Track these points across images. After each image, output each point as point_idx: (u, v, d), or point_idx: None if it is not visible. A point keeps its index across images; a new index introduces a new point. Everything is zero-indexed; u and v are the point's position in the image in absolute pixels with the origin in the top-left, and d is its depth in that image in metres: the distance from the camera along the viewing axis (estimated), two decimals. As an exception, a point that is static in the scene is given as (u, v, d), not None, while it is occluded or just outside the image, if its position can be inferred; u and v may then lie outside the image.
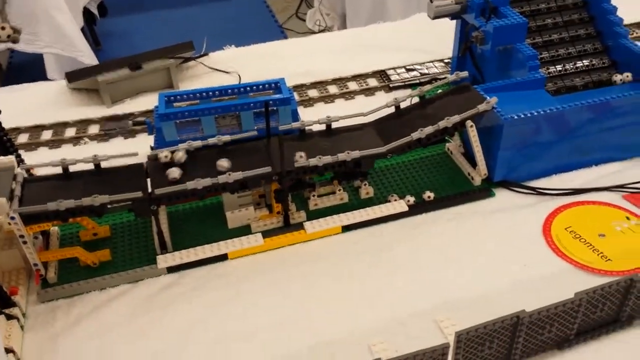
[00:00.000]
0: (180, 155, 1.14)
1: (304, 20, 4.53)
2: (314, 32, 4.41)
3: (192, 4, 4.86)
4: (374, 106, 1.33)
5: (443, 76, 1.60)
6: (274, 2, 4.85)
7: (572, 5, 1.42)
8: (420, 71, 1.66)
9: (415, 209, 1.22)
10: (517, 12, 1.35)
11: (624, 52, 1.36)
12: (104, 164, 1.14)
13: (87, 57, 3.00)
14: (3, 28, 1.07)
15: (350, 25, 3.95)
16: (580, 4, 1.42)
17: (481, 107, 1.18)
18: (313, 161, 1.13)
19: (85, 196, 1.04)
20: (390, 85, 1.62)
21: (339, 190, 1.25)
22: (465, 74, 1.29)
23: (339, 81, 1.65)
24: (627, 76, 1.35)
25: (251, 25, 4.56)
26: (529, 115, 1.18)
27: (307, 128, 1.23)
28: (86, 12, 3.95)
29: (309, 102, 1.58)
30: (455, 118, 1.17)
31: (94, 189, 1.06)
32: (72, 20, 3.08)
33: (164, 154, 1.13)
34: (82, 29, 3.67)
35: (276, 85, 1.38)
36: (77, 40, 2.99)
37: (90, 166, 1.14)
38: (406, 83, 1.62)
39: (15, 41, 1.08)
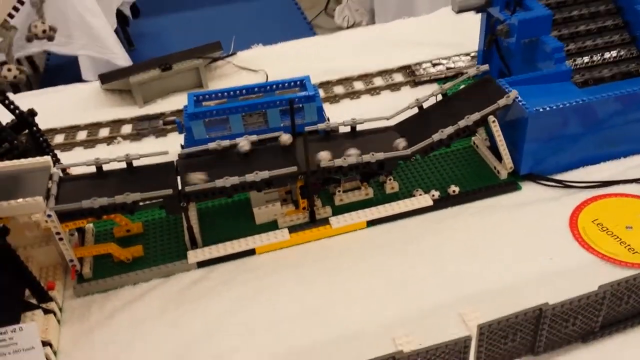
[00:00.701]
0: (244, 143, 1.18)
1: (333, 17, 4.54)
2: (342, 28, 4.42)
3: (222, 3, 4.92)
4: (400, 102, 1.34)
5: (466, 71, 1.59)
6: (302, -1, 4.87)
7: (598, -5, 1.40)
8: (446, 65, 1.66)
9: (440, 203, 1.23)
10: (543, 4, 1.35)
11: (653, 42, 1.34)
12: (135, 163, 1.19)
13: (121, 59, 3.08)
14: (42, 23, 1.11)
15: (379, 20, 3.95)
16: (607, -5, 1.40)
17: (501, 102, 1.18)
18: (338, 162, 1.15)
19: (118, 194, 1.08)
20: (416, 80, 1.62)
21: (364, 185, 1.26)
22: (486, 67, 1.29)
23: (365, 77, 1.67)
24: (656, 66, 1.33)
25: (280, 22, 4.60)
26: (554, 107, 1.18)
27: (332, 128, 1.25)
28: (119, 14, 4.03)
29: (334, 99, 1.60)
30: (475, 116, 1.18)
31: (126, 187, 1.10)
32: (106, 22, 3.15)
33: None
34: (116, 31, 3.76)
35: (301, 83, 1.40)
36: (110, 42, 3.06)
37: (122, 165, 1.18)
38: (432, 78, 1.62)
39: (50, 39, 1.12)
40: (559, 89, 1.25)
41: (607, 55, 1.36)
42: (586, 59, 1.36)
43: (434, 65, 1.67)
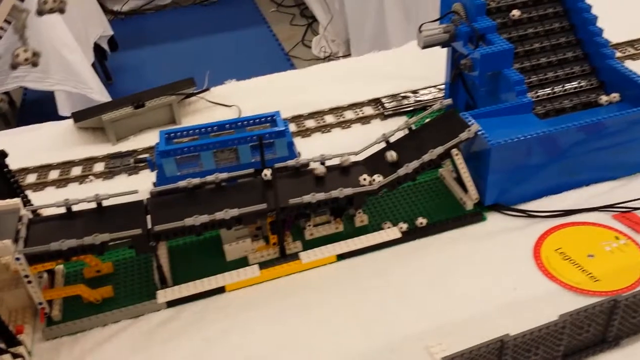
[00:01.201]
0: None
1: (310, 47, 4.61)
2: (319, 59, 4.49)
3: (200, 35, 4.96)
4: (370, 135, 1.37)
5: (433, 103, 1.62)
6: (280, 30, 4.94)
7: (559, 29, 1.45)
8: (414, 98, 1.70)
9: (409, 236, 1.24)
10: (504, 39, 1.39)
11: (611, 73, 1.39)
12: (106, 203, 1.19)
13: (98, 94, 3.09)
14: (25, 51, 1.12)
15: (354, 50, 4.02)
16: (567, 27, 1.45)
17: (463, 136, 1.21)
18: (307, 198, 1.16)
19: (87, 235, 1.09)
20: (385, 113, 1.66)
21: (334, 219, 1.28)
22: (449, 101, 1.32)
23: (336, 110, 1.70)
24: (615, 97, 1.37)
25: (259, 54, 4.65)
26: (515, 139, 1.21)
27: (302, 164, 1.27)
28: (97, 48, 4.06)
29: (306, 133, 1.62)
30: (439, 150, 1.21)
31: (95, 228, 1.11)
32: (83, 57, 3.17)
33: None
34: (93, 65, 3.78)
35: (272, 119, 1.42)
36: (87, 77, 3.08)
37: (93, 205, 1.19)
38: (400, 111, 1.65)
39: (35, 64, 1.14)
40: (521, 120, 1.29)
41: (567, 86, 1.41)
42: (548, 90, 1.40)
43: (403, 97, 1.71)
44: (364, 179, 1.22)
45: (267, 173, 1.20)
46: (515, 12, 1.43)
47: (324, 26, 4.50)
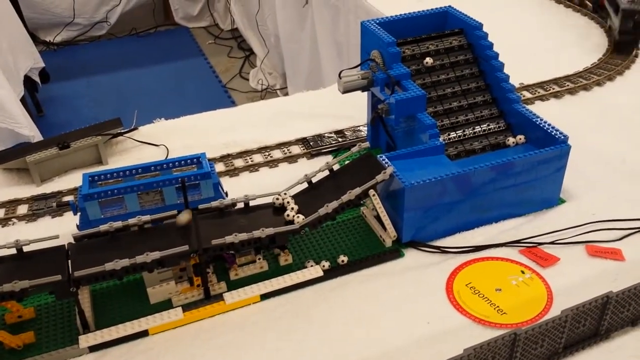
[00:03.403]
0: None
1: (248, 80, 4.67)
2: (257, 91, 4.55)
3: (137, 66, 4.94)
4: (296, 173, 1.42)
5: (356, 143, 1.68)
6: (217, 62, 4.98)
7: (469, 75, 1.55)
8: (339, 137, 1.76)
9: (331, 273, 1.29)
10: (419, 84, 1.48)
11: (516, 116, 1.50)
12: (26, 248, 1.19)
13: (26, 129, 3.03)
14: None
15: (290, 83, 4.10)
16: (477, 74, 1.56)
17: (379, 178, 1.28)
18: (229, 238, 1.20)
19: (6, 282, 1.08)
20: (312, 152, 1.71)
21: (259, 259, 1.31)
22: (366, 144, 1.39)
23: (264, 150, 1.74)
24: (520, 138, 1.48)
25: (195, 85, 4.67)
26: (427, 180, 1.28)
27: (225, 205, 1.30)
28: (28, 80, 3.98)
29: (234, 172, 1.66)
30: (357, 190, 1.27)
31: (15, 275, 1.10)
32: (11, 92, 3.11)
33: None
34: (23, 97, 3.70)
35: (198, 160, 1.45)
36: (15, 112, 3.01)
37: (13, 251, 1.18)
38: (324, 150, 1.71)
39: None
40: (434, 162, 1.37)
41: (477, 128, 1.51)
42: (459, 132, 1.49)
43: (329, 137, 1.77)
44: (287, 216, 1.27)
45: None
46: (429, 60, 1.52)
47: (261, 59, 4.57)
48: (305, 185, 1.38)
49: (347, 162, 1.42)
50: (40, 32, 5.23)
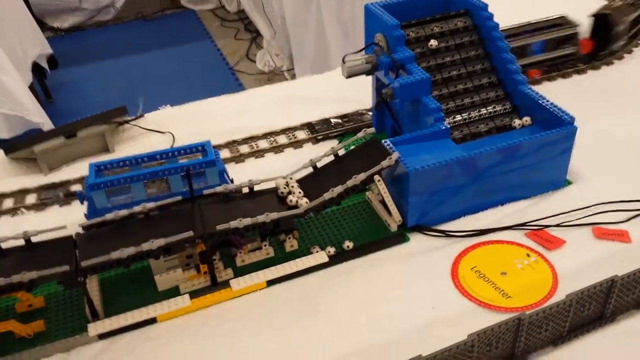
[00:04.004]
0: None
1: (255, 62, 4.65)
2: (264, 72, 4.53)
3: (144, 51, 4.93)
4: (302, 159, 1.43)
5: (362, 127, 1.68)
6: (224, 45, 4.96)
7: (474, 57, 1.53)
8: (345, 122, 1.76)
9: (336, 259, 1.30)
10: (423, 67, 1.47)
11: (522, 97, 1.48)
12: (35, 238, 1.20)
13: (36, 115, 3.05)
14: None
15: (297, 65, 4.08)
16: (482, 55, 1.54)
17: (384, 164, 1.27)
18: (234, 223, 1.20)
19: (16, 273, 1.10)
20: (317, 137, 1.71)
21: (265, 245, 1.32)
22: (372, 130, 1.39)
23: (269, 135, 1.74)
24: (526, 120, 1.46)
25: (203, 68, 4.66)
26: (432, 165, 1.28)
27: (230, 190, 1.31)
28: (36, 67, 3.99)
29: (240, 158, 1.66)
30: (362, 176, 1.27)
31: (24, 265, 1.12)
32: (19, 79, 3.12)
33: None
34: (32, 85, 3.72)
35: (203, 148, 1.46)
36: (24, 99, 3.03)
37: (22, 241, 1.19)
38: (330, 135, 1.71)
39: None
40: (439, 146, 1.36)
41: (483, 111, 1.49)
42: (465, 115, 1.48)
43: (334, 121, 1.77)
44: (290, 201, 1.27)
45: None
46: (433, 42, 1.51)
47: (268, 41, 4.54)
48: (310, 170, 1.38)
49: (352, 147, 1.42)
50: (48, 17, 5.23)
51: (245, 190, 1.34)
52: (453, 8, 1.61)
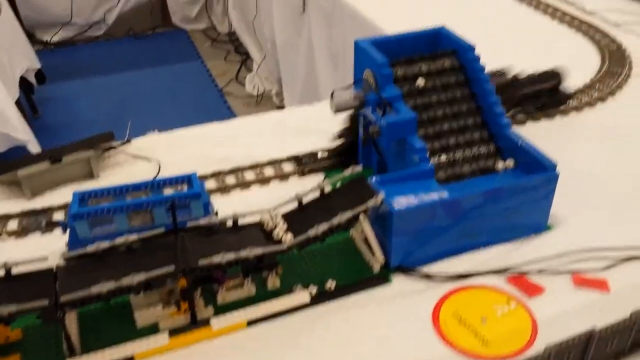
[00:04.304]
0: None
1: (244, 84, 4.67)
2: (253, 96, 4.55)
3: (133, 68, 4.93)
4: (288, 192, 1.42)
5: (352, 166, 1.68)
6: (214, 65, 4.98)
7: (460, 97, 1.55)
8: (331, 156, 1.76)
9: (318, 299, 1.29)
10: (410, 106, 1.48)
11: (506, 140, 1.50)
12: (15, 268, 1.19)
13: (21, 132, 3.03)
14: None
15: (286, 89, 4.11)
16: (468, 96, 1.56)
17: (370, 203, 1.28)
18: (216, 258, 1.20)
19: (-6, 305, 1.08)
20: (304, 170, 1.71)
21: (247, 282, 1.32)
22: (359, 168, 1.39)
23: (256, 167, 1.74)
24: (509, 164, 1.48)
25: (191, 88, 4.67)
26: (416, 206, 1.29)
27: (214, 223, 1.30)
28: (24, 81, 3.98)
29: (225, 190, 1.66)
30: (347, 214, 1.27)
31: (3, 297, 1.11)
32: (6, 94, 3.11)
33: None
34: (19, 99, 3.70)
35: (189, 180, 1.46)
36: (10, 116, 3.02)
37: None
38: (317, 168, 1.72)
39: None
40: (424, 186, 1.37)
41: (467, 152, 1.51)
42: (450, 155, 1.50)
43: (321, 155, 1.77)
44: (275, 236, 1.27)
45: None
46: (420, 81, 1.52)
47: (258, 64, 4.57)
48: (295, 204, 1.38)
49: (338, 184, 1.43)
50: (37, 31, 5.23)
51: (230, 223, 1.33)
52: (441, 47, 1.63)
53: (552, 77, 1.89)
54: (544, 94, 1.88)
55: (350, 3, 2.79)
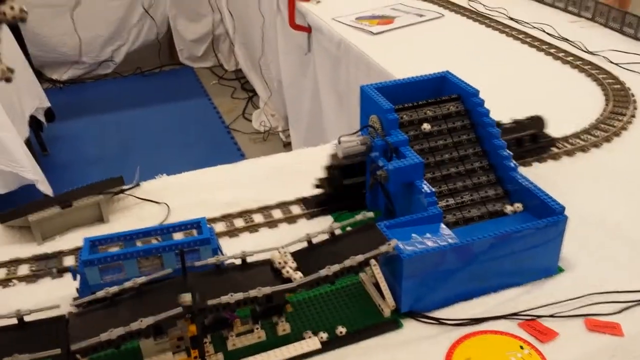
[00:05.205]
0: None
1: (250, 121, 4.72)
2: (260, 132, 4.59)
3: (141, 105, 4.99)
4: (296, 234, 1.43)
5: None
6: (220, 103, 5.04)
7: (466, 141, 1.57)
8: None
9: (329, 346, 1.29)
10: (417, 150, 1.50)
11: (514, 183, 1.51)
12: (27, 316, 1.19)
13: (31, 172, 3.06)
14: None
15: (292, 127, 4.14)
16: (474, 140, 1.58)
17: (382, 249, 1.28)
18: (225, 298, 1.20)
19: (7, 355, 1.09)
20: (312, 213, 1.72)
21: (257, 328, 1.31)
22: (370, 214, 1.40)
23: (264, 210, 1.75)
24: (518, 207, 1.49)
25: (199, 125, 4.71)
26: (426, 251, 1.29)
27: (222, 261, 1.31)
28: (33, 119, 4.02)
29: (234, 232, 1.67)
30: (359, 258, 1.28)
31: (16, 347, 1.11)
32: (16, 134, 3.15)
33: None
34: (29, 138, 3.74)
35: (198, 225, 1.47)
36: (20, 155, 3.05)
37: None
38: (325, 211, 1.72)
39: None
40: (432, 230, 1.38)
41: (475, 195, 1.52)
42: (457, 199, 1.51)
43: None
44: (285, 274, 1.27)
45: None
46: (426, 126, 1.54)
47: (264, 101, 4.63)
48: (305, 244, 1.39)
49: (348, 228, 1.43)
50: (47, 69, 5.31)
51: (238, 261, 1.34)
52: (445, 92, 1.66)
53: (534, 124, 1.90)
54: (526, 141, 1.89)
55: (355, 45, 2.84)
